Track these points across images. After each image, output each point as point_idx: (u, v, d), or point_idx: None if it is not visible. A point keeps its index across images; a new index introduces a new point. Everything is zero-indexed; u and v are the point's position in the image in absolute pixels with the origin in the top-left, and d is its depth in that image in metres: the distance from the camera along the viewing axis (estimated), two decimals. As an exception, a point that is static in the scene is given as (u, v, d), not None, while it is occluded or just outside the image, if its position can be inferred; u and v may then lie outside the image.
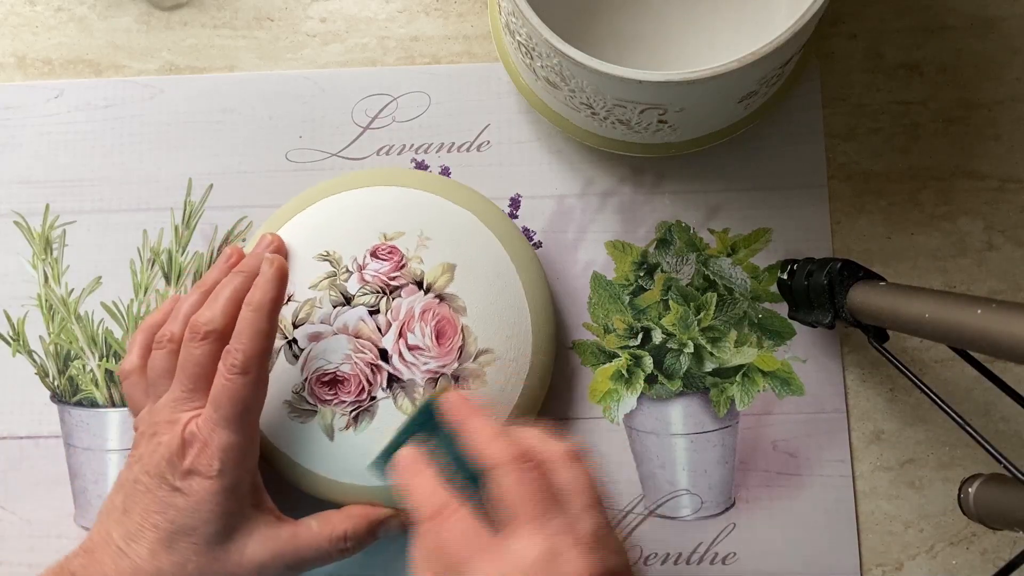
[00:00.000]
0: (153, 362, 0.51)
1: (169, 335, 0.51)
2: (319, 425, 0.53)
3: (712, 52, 0.58)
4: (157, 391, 0.50)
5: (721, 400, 0.57)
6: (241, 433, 0.48)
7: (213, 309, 0.50)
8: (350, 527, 0.51)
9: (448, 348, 0.53)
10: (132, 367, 0.52)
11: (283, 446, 0.53)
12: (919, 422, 0.57)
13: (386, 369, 0.53)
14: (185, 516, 0.47)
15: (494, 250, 0.54)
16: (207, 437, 0.48)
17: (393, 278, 0.53)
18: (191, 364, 0.49)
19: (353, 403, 0.52)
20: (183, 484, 0.47)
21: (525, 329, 0.54)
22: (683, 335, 0.58)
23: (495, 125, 0.59)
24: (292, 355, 0.53)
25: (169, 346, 0.50)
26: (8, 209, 0.59)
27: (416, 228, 0.54)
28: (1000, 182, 0.59)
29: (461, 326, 0.53)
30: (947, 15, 0.60)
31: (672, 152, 0.56)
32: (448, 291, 0.53)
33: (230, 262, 0.54)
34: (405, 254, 0.53)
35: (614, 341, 0.58)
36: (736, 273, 0.58)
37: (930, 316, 0.44)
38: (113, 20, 0.61)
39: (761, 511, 0.57)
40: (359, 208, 0.55)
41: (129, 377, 0.52)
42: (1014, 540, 0.56)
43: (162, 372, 0.50)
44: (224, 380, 0.48)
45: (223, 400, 0.48)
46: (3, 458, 0.58)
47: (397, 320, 0.53)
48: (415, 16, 0.61)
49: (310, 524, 0.51)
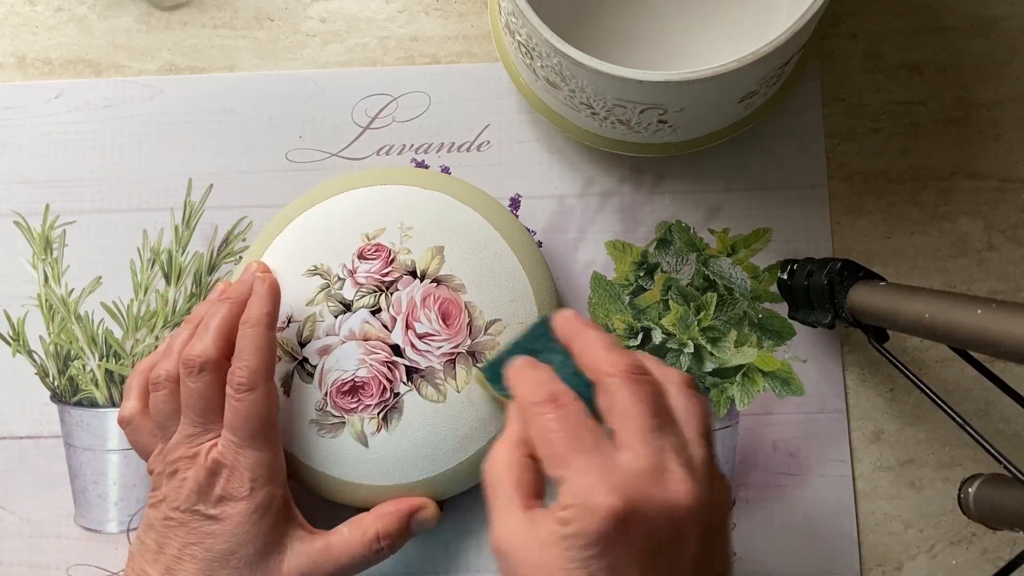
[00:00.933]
0: (156, 404, 0.50)
1: (165, 374, 0.50)
2: (350, 435, 0.52)
3: (712, 52, 0.58)
4: (166, 433, 0.50)
5: (721, 400, 0.57)
6: (265, 448, 0.48)
7: (204, 340, 0.49)
8: (381, 527, 0.50)
9: (457, 327, 0.53)
10: (132, 413, 0.51)
11: (320, 465, 0.52)
12: (919, 422, 0.57)
13: (402, 363, 0.52)
14: (223, 542, 0.47)
15: (474, 222, 0.54)
16: (233, 461, 0.47)
17: (386, 274, 0.53)
18: (195, 398, 0.48)
19: (378, 404, 0.52)
20: (217, 511, 0.47)
21: (525, 290, 0.54)
22: (683, 335, 0.58)
23: (495, 125, 0.59)
24: (306, 374, 0.53)
25: (168, 386, 0.50)
26: (8, 209, 0.59)
27: (395, 221, 0.54)
28: (1000, 182, 0.59)
29: (464, 303, 0.53)
30: (947, 15, 0.60)
31: (672, 152, 0.56)
32: (443, 273, 0.53)
33: (221, 296, 0.52)
34: (392, 248, 0.53)
35: (614, 341, 0.58)
36: (736, 273, 0.58)
37: (930, 316, 0.44)
38: (113, 20, 0.61)
39: (761, 511, 0.57)
40: (335, 217, 0.55)
41: (131, 423, 0.51)
42: (1014, 540, 0.56)
43: (168, 414, 0.50)
44: (234, 402, 0.48)
45: (238, 422, 0.48)
46: (3, 458, 0.58)
47: (401, 313, 0.53)
48: (415, 16, 0.61)
49: (341, 532, 0.50)
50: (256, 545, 0.48)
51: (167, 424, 0.50)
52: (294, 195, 0.58)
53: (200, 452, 0.48)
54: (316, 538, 0.50)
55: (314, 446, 0.52)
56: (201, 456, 0.48)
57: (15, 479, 0.57)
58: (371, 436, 0.52)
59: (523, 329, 0.50)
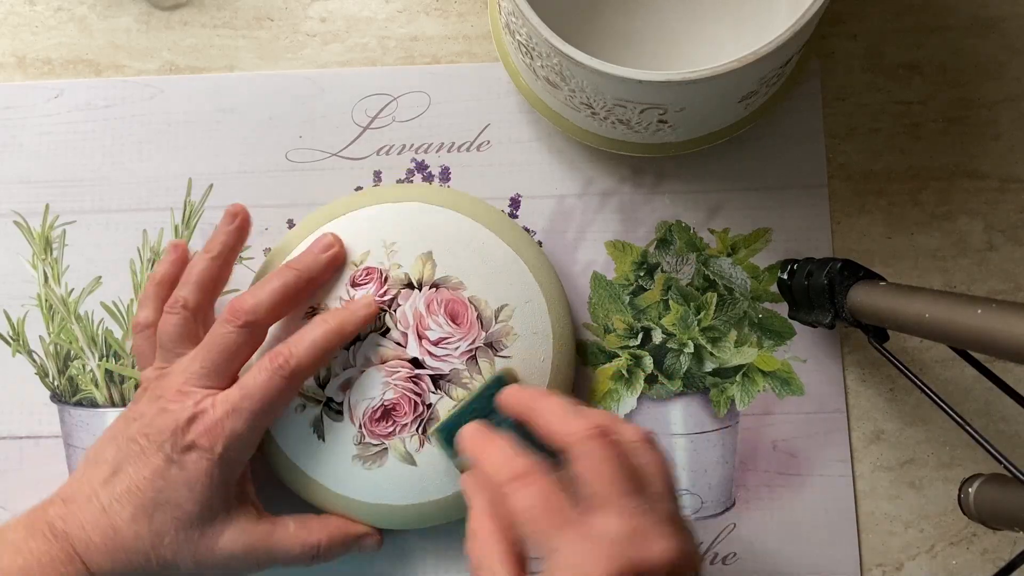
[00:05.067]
0: (165, 326, 0.50)
1: (183, 301, 0.50)
2: (396, 458, 0.52)
3: (712, 52, 0.58)
4: (166, 356, 0.50)
5: (721, 400, 0.57)
6: (255, 429, 0.48)
7: (259, 297, 0.49)
8: (325, 538, 0.51)
9: (468, 324, 0.53)
10: (147, 322, 0.52)
11: (375, 498, 0.52)
12: (919, 422, 0.57)
13: (425, 374, 0.52)
14: (174, 489, 0.47)
15: (452, 220, 0.54)
16: (220, 418, 0.47)
17: (384, 293, 0.53)
18: (220, 346, 0.49)
19: (414, 420, 0.52)
20: (180, 457, 0.47)
21: (520, 269, 0.54)
22: (683, 335, 0.58)
23: (495, 125, 0.59)
24: (335, 412, 0.52)
25: (183, 312, 0.50)
26: (8, 209, 0.59)
27: (377, 241, 0.54)
28: (1000, 182, 0.59)
29: (467, 299, 0.53)
30: (947, 15, 0.60)
31: (672, 152, 0.56)
32: (438, 276, 0.53)
33: (236, 223, 0.53)
34: (382, 268, 0.53)
35: (614, 341, 0.58)
36: (736, 273, 0.58)
37: (930, 316, 0.44)
38: (113, 20, 0.61)
39: (761, 511, 0.57)
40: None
41: (143, 331, 0.52)
42: (1014, 540, 0.56)
43: (175, 338, 0.50)
44: (266, 375, 0.48)
45: (257, 394, 0.48)
46: (3, 458, 0.58)
47: (410, 327, 0.53)
48: (415, 16, 0.61)
49: (288, 525, 0.51)
50: (201, 507, 0.48)
51: (171, 347, 0.50)
52: (294, 195, 0.58)
53: (193, 394, 0.48)
54: (262, 522, 0.50)
55: (364, 480, 0.52)
56: (192, 398, 0.48)
57: (15, 479, 0.57)
58: (416, 453, 0.52)
59: (473, 390, 0.51)
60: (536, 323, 0.54)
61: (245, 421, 0.48)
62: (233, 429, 0.47)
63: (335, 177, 0.59)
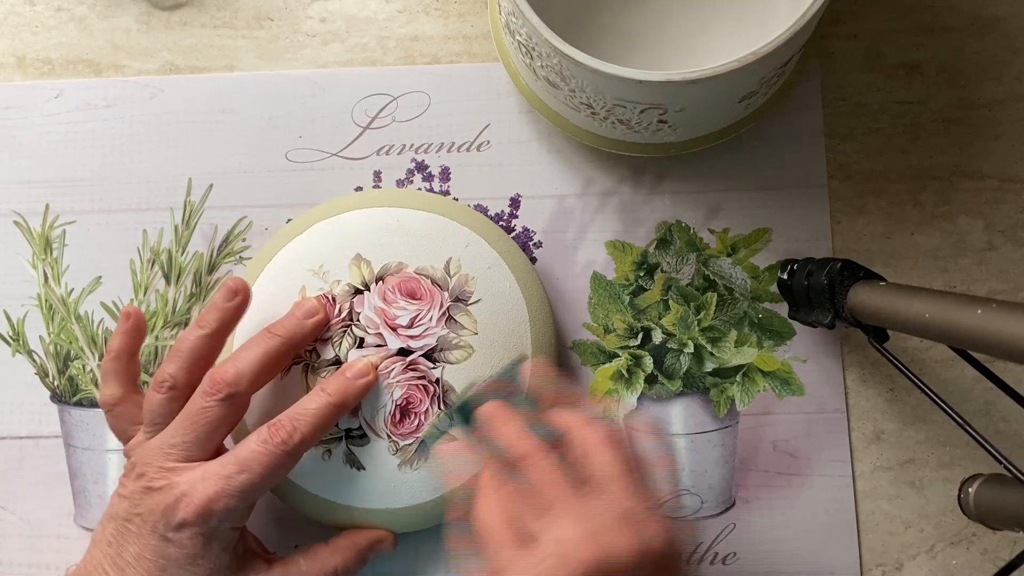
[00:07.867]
0: (151, 404, 0.49)
1: (171, 382, 0.48)
2: (436, 442, 0.52)
3: (712, 52, 0.58)
4: (153, 429, 0.49)
5: (721, 400, 0.57)
6: (249, 500, 0.47)
7: (240, 368, 0.48)
8: (340, 561, 0.51)
9: (427, 293, 0.53)
10: (114, 399, 0.50)
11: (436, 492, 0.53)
12: (919, 422, 0.57)
13: (417, 356, 0.52)
14: (178, 566, 0.47)
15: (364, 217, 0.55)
16: (210, 495, 0.46)
17: (339, 313, 0.53)
18: (201, 421, 0.47)
19: (432, 401, 0.52)
20: (175, 536, 0.46)
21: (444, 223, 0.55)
22: (683, 335, 0.58)
23: (495, 125, 0.59)
24: (358, 438, 0.52)
25: (171, 392, 0.48)
26: (8, 209, 0.59)
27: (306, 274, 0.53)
28: (1000, 182, 0.59)
29: (414, 272, 0.53)
30: (947, 15, 0.60)
31: (672, 152, 0.56)
32: (377, 271, 0.53)
33: (235, 301, 0.50)
34: (324, 292, 0.53)
35: (614, 341, 0.58)
36: (736, 273, 0.58)
37: (930, 316, 0.44)
38: (113, 20, 0.61)
39: (761, 511, 0.57)
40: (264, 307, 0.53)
41: (113, 410, 0.50)
42: (1014, 540, 0.56)
43: (164, 415, 0.48)
44: (265, 448, 0.47)
45: (257, 468, 0.47)
46: (3, 458, 0.58)
47: (378, 327, 0.53)
48: (415, 16, 0.61)
49: (299, 563, 0.50)
50: (209, 573, 0.47)
51: (159, 420, 0.48)
52: (294, 195, 0.58)
53: (176, 470, 0.47)
54: (273, 569, 0.50)
55: (421, 483, 0.53)
56: (175, 474, 0.47)
57: (15, 479, 0.57)
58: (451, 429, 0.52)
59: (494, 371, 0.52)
60: (487, 259, 0.54)
61: (239, 494, 0.46)
62: (226, 505, 0.46)
63: (335, 177, 0.59)
